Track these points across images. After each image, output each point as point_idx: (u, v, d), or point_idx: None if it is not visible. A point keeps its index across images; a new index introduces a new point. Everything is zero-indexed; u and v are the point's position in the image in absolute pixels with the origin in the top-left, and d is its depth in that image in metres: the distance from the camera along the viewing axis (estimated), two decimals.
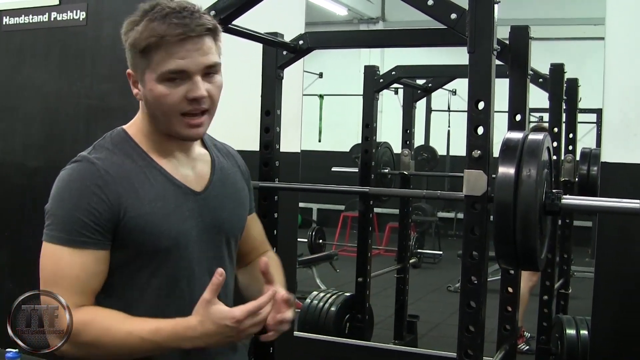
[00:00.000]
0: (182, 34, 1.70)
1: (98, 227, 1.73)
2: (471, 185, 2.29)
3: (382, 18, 7.58)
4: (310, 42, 3.34)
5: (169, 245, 1.80)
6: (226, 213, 1.95)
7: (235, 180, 2.04)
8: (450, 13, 2.32)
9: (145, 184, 1.80)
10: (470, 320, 2.33)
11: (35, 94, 5.18)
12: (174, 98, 1.74)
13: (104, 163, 1.80)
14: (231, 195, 1.99)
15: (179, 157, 1.89)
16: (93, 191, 1.75)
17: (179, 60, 1.72)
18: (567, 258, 4.47)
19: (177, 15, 1.71)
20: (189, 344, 1.71)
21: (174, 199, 1.83)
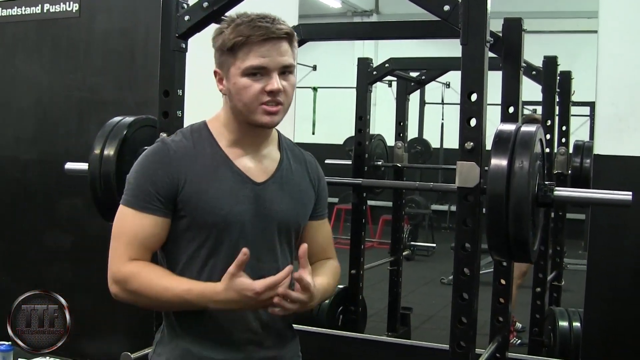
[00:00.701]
0: (264, 34, 1.98)
1: (159, 196, 2.02)
2: (464, 177, 2.30)
3: (375, 10, 7.57)
4: (303, 34, 3.34)
5: (218, 221, 2.04)
6: (282, 206, 2.13)
7: (299, 182, 2.21)
8: (444, 5, 2.32)
9: (207, 166, 2.06)
10: (463, 312, 2.34)
11: (27, 86, 5.16)
12: (255, 89, 2.00)
13: (176, 145, 2.08)
14: (291, 193, 2.17)
15: (247, 150, 2.12)
16: (160, 167, 2.04)
17: (261, 57, 1.99)
18: (560, 250, 4.48)
19: (260, 20, 2.01)
20: (213, 305, 1.98)
21: (232, 183, 2.07)
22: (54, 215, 5.06)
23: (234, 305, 1.96)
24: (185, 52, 2.93)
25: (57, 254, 5.06)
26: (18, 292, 3.22)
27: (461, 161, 2.30)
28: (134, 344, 3.23)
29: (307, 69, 6.63)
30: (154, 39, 4.14)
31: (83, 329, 2.39)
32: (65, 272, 4.97)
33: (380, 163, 5.12)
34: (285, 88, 2.05)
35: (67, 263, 5.02)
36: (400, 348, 4.08)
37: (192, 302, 1.99)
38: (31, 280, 5.00)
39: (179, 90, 2.95)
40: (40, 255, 5.11)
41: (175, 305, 2.04)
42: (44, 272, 5.07)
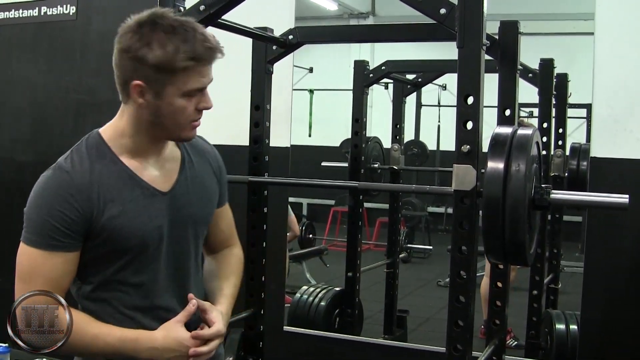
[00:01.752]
0: (210, 58, 1.90)
1: (69, 231, 1.88)
2: (460, 179, 2.30)
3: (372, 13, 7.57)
4: (300, 36, 3.34)
5: (137, 243, 1.94)
6: (193, 209, 2.07)
7: (203, 177, 2.14)
8: (440, 8, 2.32)
9: (114, 188, 1.93)
10: (460, 314, 2.34)
11: (23, 88, 5.16)
12: (190, 109, 1.92)
13: (76, 171, 1.93)
14: (198, 192, 2.10)
15: (150, 159, 2.02)
16: (65, 199, 1.88)
17: (202, 79, 1.91)
18: (557, 253, 4.48)
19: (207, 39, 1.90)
20: (146, 354, 1.92)
21: (142, 200, 1.96)
22: None
23: (166, 355, 1.94)
24: None
25: None
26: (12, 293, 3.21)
27: (457, 164, 2.30)
28: None
29: (303, 71, 6.63)
30: None
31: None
32: None
33: (377, 165, 5.12)
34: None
35: None
36: (396, 351, 4.08)
37: (122, 350, 1.92)
38: None
39: None
40: None
41: (105, 353, 1.93)
42: None
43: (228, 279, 2.23)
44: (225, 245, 2.33)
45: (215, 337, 2.01)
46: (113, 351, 1.91)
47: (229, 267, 2.28)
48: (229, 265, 2.28)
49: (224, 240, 2.32)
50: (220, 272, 2.24)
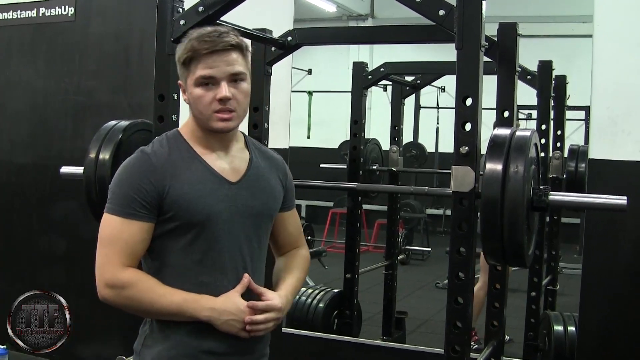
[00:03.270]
0: (209, 47, 2.13)
1: (145, 202, 2.14)
2: (459, 181, 2.30)
3: (371, 15, 7.57)
4: (298, 38, 3.34)
5: (202, 220, 2.18)
6: (256, 202, 2.28)
7: (269, 178, 2.36)
8: (439, 10, 2.32)
9: (187, 170, 2.20)
10: (458, 316, 2.34)
11: (22, 90, 5.17)
12: (208, 98, 2.16)
13: (156, 154, 2.21)
14: (263, 189, 2.32)
15: (218, 152, 2.26)
16: (144, 175, 2.16)
17: (208, 68, 2.14)
18: (555, 255, 4.48)
19: (208, 35, 2.15)
20: (205, 313, 2.14)
21: (210, 184, 2.21)
22: (49, 219, 5.06)
23: (223, 316, 2.15)
24: None
25: (51, 257, 5.06)
26: (12, 294, 3.21)
27: (456, 165, 2.31)
28: (127, 347, 3.23)
29: (302, 73, 6.64)
30: (148, 42, 4.15)
31: (77, 332, 2.39)
32: (60, 275, 4.97)
33: (376, 167, 5.12)
34: (236, 95, 2.17)
35: (62, 266, 5.02)
36: (395, 352, 4.08)
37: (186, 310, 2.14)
38: (26, 283, 4.99)
39: (174, 94, 2.94)
40: (35, 258, 5.11)
41: (169, 312, 2.16)
42: (38, 274, 5.07)
43: (292, 272, 2.41)
44: (292, 246, 2.51)
45: (269, 309, 2.19)
46: (176, 308, 2.13)
47: (294, 262, 2.46)
48: (294, 262, 2.46)
49: (291, 242, 2.51)
50: (285, 267, 2.43)
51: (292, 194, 2.47)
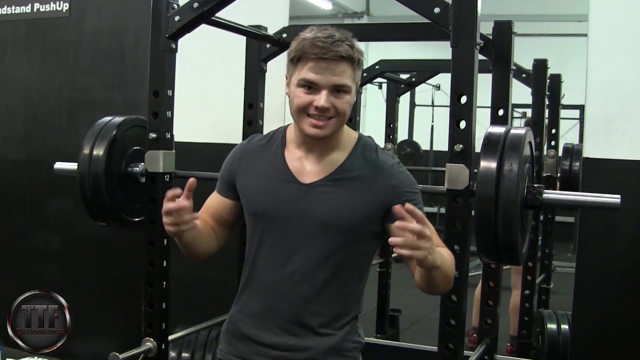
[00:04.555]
0: (318, 54, 2.11)
1: (225, 182, 2.38)
2: (453, 179, 2.31)
3: (366, 12, 7.54)
4: (294, 35, 3.33)
5: (258, 212, 2.28)
6: (324, 207, 2.21)
7: (356, 187, 2.22)
8: (434, 7, 2.32)
9: (261, 164, 2.32)
10: (452, 314, 2.34)
11: (16, 86, 5.15)
12: (305, 100, 2.15)
13: (252, 142, 2.40)
14: (340, 196, 2.22)
15: (307, 154, 2.27)
16: (230, 160, 2.40)
17: (313, 74, 2.13)
18: (549, 253, 4.48)
19: (321, 39, 2.12)
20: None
21: (277, 181, 2.27)
22: (43, 215, 5.05)
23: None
24: (175, 53, 2.93)
25: (45, 254, 5.05)
26: (6, 292, 3.21)
27: (450, 163, 2.31)
28: (121, 344, 3.23)
29: None
30: (143, 39, 4.15)
31: (71, 329, 2.40)
32: (54, 272, 4.96)
33: None
34: (336, 105, 2.14)
35: (56, 263, 5.01)
36: (388, 350, 4.08)
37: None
38: (19, 280, 4.98)
39: (169, 90, 2.94)
40: (29, 255, 5.10)
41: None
42: (32, 272, 5.06)
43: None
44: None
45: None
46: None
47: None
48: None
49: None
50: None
51: (410, 202, 2.11)
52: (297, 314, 2.24)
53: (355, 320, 2.32)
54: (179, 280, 3.31)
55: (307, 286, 2.22)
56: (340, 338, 2.27)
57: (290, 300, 2.23)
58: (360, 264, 2.31)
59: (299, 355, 2.24)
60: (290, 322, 2.25)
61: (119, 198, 3.21)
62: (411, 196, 2.21)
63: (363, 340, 2.35)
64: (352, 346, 2.30)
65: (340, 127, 2.22)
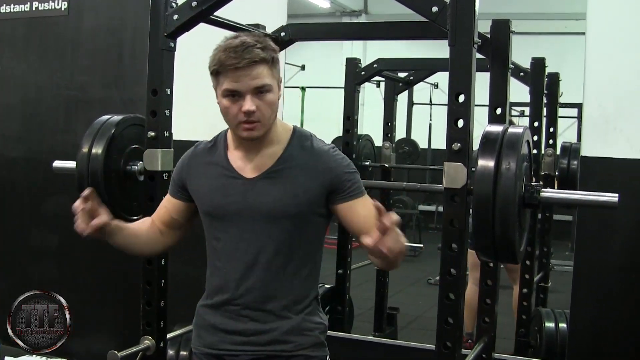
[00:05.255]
0: (232, 64, 2.20)
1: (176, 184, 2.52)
2: (451, 177, 2.31)
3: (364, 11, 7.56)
4: (291, 34, 3.35)
5: (210, 211, 2.41)
6: (269, 198, 2.34)
7: (296, 175, 2.36)
8: (432, 6, 2.33)
9: (209, 166, 2.44)
10: (450, 312, 2.35)
11: (14, 84, 5.15)
12: (234, 110, 2.26)
13: (198, 149, 2.52)
14: (283, 185, 2.35)
15: (247, 152, 2.39)
16: (181, 165, 2.53)
17: (233, 82, 2.23)
18: (547, 251, 4.49)
19: (234, 49, 2.22)
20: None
21: (224, 179, 2.39)
22: (41, 214, 5.05)
23: None
24: (173, 51, 2.94)
25: (43, 252, 5.05)
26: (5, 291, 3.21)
27: (448, 162, 2.31)
28: (119, 342, 3.23)
29: (295, 68, 6.62)
30: (141, 37, 4.15)
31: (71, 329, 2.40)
32: (51, 270, 4.96)
33: (368, 163, 5.11)
34: (260, 106, 2.25)
35: (53, 262, 5.01)
36: (386, 348, 4.08)
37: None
38: (17, 279, 4.98)
39: (167, 89, 2.95)
40: (28, 255, 5.10)
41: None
42: (32, 272, 5.06)
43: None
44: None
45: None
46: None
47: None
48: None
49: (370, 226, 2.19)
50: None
51: (349, 184, 2.35)
52: (258, 301, 2.36)
53: (315, 303, 2.46)
54: (177, 279, 3.31)
55: (265, 275, 2.35)
56: (301, 319, 2.39)
57: (250, 289, 2.35)
58: (312, 247, 2.43)
59: (262, 338, 2.37)
60: (252, 309, 2.36)
61: (118, 196, 3.21)
62: (349, 176, 2.37)
63: (325, 322, 2.48)
64: (313, 326, 2.42)
65: (272, 124, 2.34)
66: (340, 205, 2.36)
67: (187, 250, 4.07)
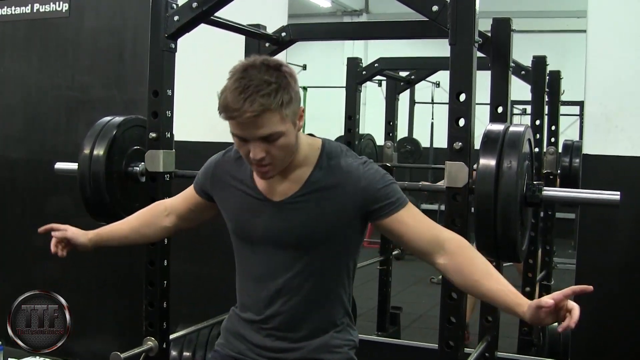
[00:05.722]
0: (233, 117, 2.03)
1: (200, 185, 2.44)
2: (452, 177, 2.31)
3: (365, 10, 7.54)
4: (293, 34, 3.34)
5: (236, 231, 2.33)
6: (297, 223, 2.22)
7: (326, 198, 2.21)
8: (432, 5, 2.32)
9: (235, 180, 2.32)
10: (452, 311, 2.35)
11: (16, 85, 5.15)
12: (244, 152, 2.12)
13: (227, 157, 2.38)
14: (311, 210, 2.21)
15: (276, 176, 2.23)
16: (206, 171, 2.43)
17: (237, 129, 2.06)
18: (550, 250, 4.48)
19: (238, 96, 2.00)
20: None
21: (250, 201, 2.27)
22: (42, 214, 5.05)
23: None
24: (174, 52, 2.93)
25: (45, 253, 5.03)
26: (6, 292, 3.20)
27: (450, 161, 2.31)
28: (122, 343, 3.23)
29: (297, 68, 6.61)
30: (142, 38, 4.15)
31: (72, 329, 2.40)
32: (54, 271, 4.95)
33: None
34: (271, 152, 2.08)
35: (56, 262, 4.99)
36: (389, 347, 4.08)
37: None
38: (19, 280, 4.99)
39: (169, 90, 2.95)
40: (29, 255, 5.10)
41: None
42: (32, 271, 5.06)
43: (491, 277, 2.08)
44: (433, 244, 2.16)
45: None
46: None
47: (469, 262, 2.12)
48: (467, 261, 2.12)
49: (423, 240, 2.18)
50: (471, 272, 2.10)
51: (385, 200, 2.18)
52: (286, 326, 2.27)
53: (347, 318, 2.36)
54: (180, 279, 3.31)
55: (295, 300, 2.25)
56: (330, 336, 2.30)
57: (278, 314, 2.26)
58: (344, 267, 2.31)
59: (291, 355, 2.28)
60: (282, 331, 2.28)
61: (119, 197, 3.22)
62: (384, 190, 2.19)
63: (356, 339, 2.37)
64: (343, 343, 2.32)
65: (289, 160, 2.17)
66: (382, 222, 2.20)
67: (189, 250, 4.08)
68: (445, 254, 2.12)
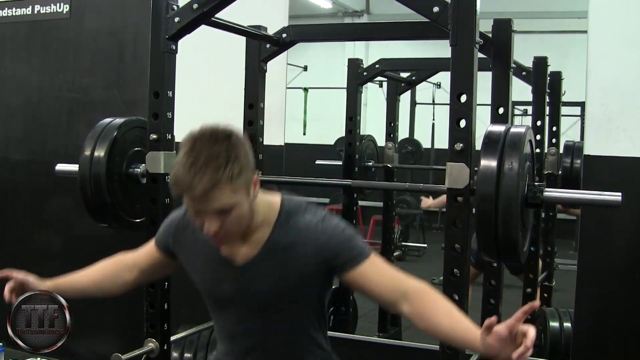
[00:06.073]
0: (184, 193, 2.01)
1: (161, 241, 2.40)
2: (453, 178, 2.30)
3: (366, 11, 7.54)
4: (293, 35, 3.34)
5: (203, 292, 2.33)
6: (260, 285, 2.21)
7: (287, 257, 2.19)
8: (433, 6, 2.32)
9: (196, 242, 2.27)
10: None
11: (17, 86, 5.16)
12: (199, 224, 2.08)
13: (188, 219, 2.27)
14: (273, 270, 2.20)
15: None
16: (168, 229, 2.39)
17: (190, 204, 2.04)
18: (551, 251, 4.48)
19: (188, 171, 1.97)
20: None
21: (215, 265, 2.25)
22: (43, 215, 5.05)
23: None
24: (175, 54, 2.93)
25: (46, 253, 5.05)
26: None
27: (451, 162, 2.31)
28: (123, 344, 3.23)
29: (297, 69, 6.61)
30: (143, 39, 4.15)
31: (73, 330, 2.40)
32: (55, 272, 4.93)
33: (371, 164, 5.11)
34: (225, 224, 2.06)
35: (56, 263, 5.00)
36: (391, 348, 4.08)
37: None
38: None
39: (169, 91, 2.94)
40: (29, 255, 5.10)
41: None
42: (33, 272, 5.05)
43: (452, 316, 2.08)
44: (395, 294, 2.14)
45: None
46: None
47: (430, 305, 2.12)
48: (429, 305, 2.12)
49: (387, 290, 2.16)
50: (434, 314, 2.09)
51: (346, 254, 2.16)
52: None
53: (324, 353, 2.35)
54: (181, 281, 3.30)
55: (269, 354, 2.29)
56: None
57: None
58: (314, 315, 2.30)
59: None
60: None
61: (120, 199, 3.22)
62: (344, 245, 2.17)
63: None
64: None
65: (244, 227, 2.15)
66: (345, 276, 2.18)
67: None
68: (407, 301, 2.10)
